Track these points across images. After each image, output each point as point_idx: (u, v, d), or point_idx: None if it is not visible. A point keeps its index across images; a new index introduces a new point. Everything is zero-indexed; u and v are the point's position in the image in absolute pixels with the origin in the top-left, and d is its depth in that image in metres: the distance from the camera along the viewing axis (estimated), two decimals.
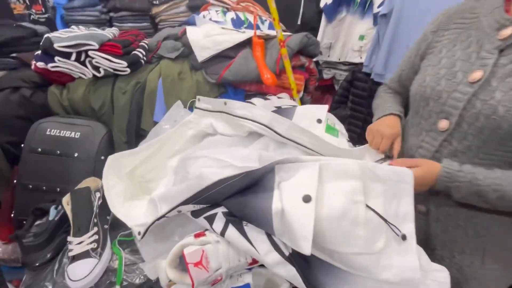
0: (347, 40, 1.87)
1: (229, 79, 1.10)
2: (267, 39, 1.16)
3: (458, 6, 0.69)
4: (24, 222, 1.03)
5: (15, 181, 1.07)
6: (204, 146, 0.82)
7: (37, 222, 0.82)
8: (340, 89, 1.92)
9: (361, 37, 1.83)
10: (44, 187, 1.03)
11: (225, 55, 1.15)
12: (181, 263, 0.60)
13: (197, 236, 0.58)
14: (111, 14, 1.92)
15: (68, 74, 1.12)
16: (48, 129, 1.05)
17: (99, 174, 0.99)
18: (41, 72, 1.11)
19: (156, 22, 1.99)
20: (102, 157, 1.08)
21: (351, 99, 1.92)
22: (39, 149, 1.03)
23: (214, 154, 0.62)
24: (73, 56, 1.07)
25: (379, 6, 1.69)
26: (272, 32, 1.19)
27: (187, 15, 1.98)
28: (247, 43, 1.16)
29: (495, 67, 0.56)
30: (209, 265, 0.55)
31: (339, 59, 1.93)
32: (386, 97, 0.83)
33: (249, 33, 1.17)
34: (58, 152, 1.04)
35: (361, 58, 1.82)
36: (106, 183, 0.75)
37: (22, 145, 1.06)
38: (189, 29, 1.21)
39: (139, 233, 0.63)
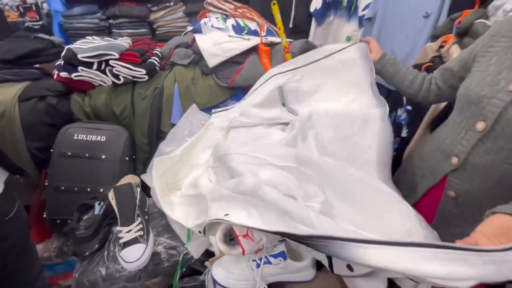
0: (335, 41, 2.03)
1: (240, 83, 1.22)
2: (271, 45, 1.29)
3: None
4: (58, 221, 1.12)
5: (46, 183, 1.14)
6: (234, 138, 0.93)
7: (85, 217, 0.91)
8: None
9: (348, 38, 2.00)
10: (75, 188, 1.12)
11: (233, 61, 1.27)
12: (226, 240, 0.73)
13: None
14: (110, 21, 1.98)
15: (89, 83, 1.20)
16: (76, 134, 1.13)
17: (124, 173, 1.10)
18: (64, 81, 1.19)
19: (154, 27, 2.07)
20: (127, 158, 1.18)
21: None
22: (69, 153, 1.12)
23: (253, 152, 0.74)
24: (95, 66, 1.15)
25: (363, 10, 1.86)
26: (275, 39, 1.33)
27: (185, 21, 2.08)
28: (253, 49, 1.29)
29: None
30: (254, 237, 0.68)
31: None
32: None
33: (254, 40, 1.29)
34: (87, 155, 1.13)
35: None
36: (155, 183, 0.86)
37: (51, 150, 1.14)
38: (198, 37, 1.33)
39: (199, 232, 0.75)
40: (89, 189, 1.12)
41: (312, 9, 1.92)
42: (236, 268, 0.72)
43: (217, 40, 1.28)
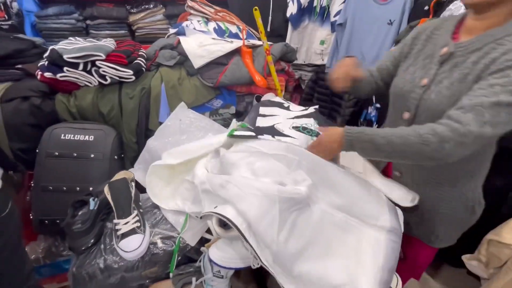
0: (310, 45, 2.17)
1: (225, 82, 1.30)
2: (253, 47, 1.38)
3: (434, 22, 0.85)
4: (47, 221, 1.12)
5: (30, 184, 1.14)
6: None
7: (80, 212, 0.93)
8: (307, 88, 2.22)
9: (322, 42, 2.14)
10: (64, 188, 1.12)
11: (217, 62, 1.34)
12: (221, 224, 0.80)
13: None
14: (88, 22, 1.96)
15: (73, 83, 1.21)
16: (62, 134, 1.14)
17: (114, 171, 1.13)
18: (48, 82, 1.18)
19: (133, 29, 2.08)
20: (115, 156, 1.21)
21: (316, 96, 2.23)
22: (56, 153, 1.12)
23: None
24: (81, 66, 1.17)
25: (335, 16, 2.02)
26: (256, 42, 1.42)
27: (164, 23, 2.11)
28: (235, 51, 1.37)
29: (435, 75, 0.76)
30: None
31: (304, 62, 2.22)
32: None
33: (237, 43, 1.38)
34: (75, 154, 1.14)
35: (322, 60, 2.14)
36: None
37: (37, 151, 1.13)
38: (183, 39, 1.38)
39: (196, 216, 0.82)
40: (78, 188, 1.13)
41: (288, 14, 2.04)
42: (231, 249, 0.79)
43: (202, 42, 1.34)
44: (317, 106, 1.20)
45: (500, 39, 0.67)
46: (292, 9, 2.01)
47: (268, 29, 2.11)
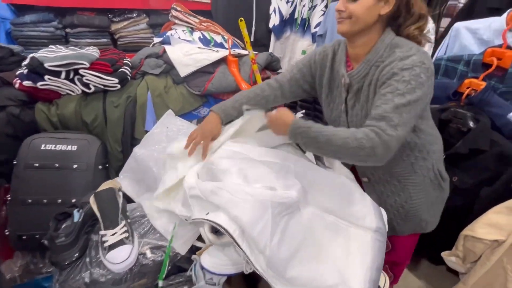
0: (292, 54, 2.24)
1: (212, 90, 1.31)
2: (238, 57, 1.41)
3: (332, 45, 0.93)
4: (25, 237, 1.07)
5: (6, 198, 1.08)
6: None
7: (64, 225, 0.90)
8: None
9: (303, 52, 2.22)
10: (44, 200, 1.07)
11: (203, 71, 1.35)
12: (213, 230, 0.80)
13: None
14: (67, 30, 1.92)
15: (55, 92, 1.17)
16: (43, 145, 1.10)
17: (98, 182, 1.10)
18: (27, 90, 1.14)
19: (116, 38, 2.05)
20: (100, 166, 1.18)
21: (299, 104, 2.29)
22: (36, 164, 1.08)
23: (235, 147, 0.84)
24: (63, 75, 1.14)
25: (315, 27, 2.10)
26: (241, 51, 1.45)
27: (148, 32, 2.11)
28: (222, 60, 1.39)
29: (348, 101, 0.88)
30: None
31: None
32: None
33: (222, 52, 1.40)
34: (57, 165, 1.09)
35: None
36: None
37: (14, 162, 1.08)
38: (168, 48, 1.39)
39: (186, 220, 0.81)
40: (59, 200, 1.09)
41: (271, 25, 2.10)
42: (223, 255, 0.79)
43: (188, 51, 1.35)
44: (303, 111, 1.24)
45: (376, 62, 0.80)
46: (274, 20, 2.07)
47: (252, 39, 2.16)
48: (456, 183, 1.15)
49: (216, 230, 0.80)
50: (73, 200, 1.04)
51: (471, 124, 1.12)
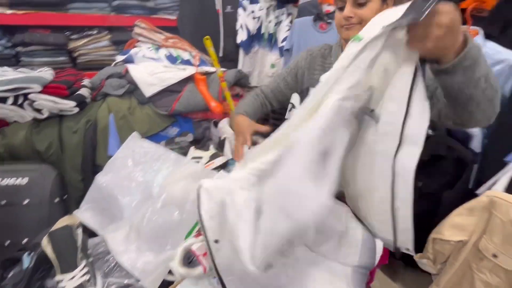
0: (262, 68, 2.26)
1: (180, 110, 1.26)
2: (206, 74, 1.38)
3: (320, 49, 0.92)
4: None
5: None
6: None
7: (11, 273, 0.78)
8: None
9: (272, 66, 2.25)
10: None
11: (170, 90, 1.30)
12: (185, 263, 0.74)
13: (197, 235, 0.74)
14: (18, 48, 1.77)
15: (1, 119, 1.06)
16: None
17: (55, 217, 0.99)
18: None
19: (75, 56, 1.93)
20: (57, 199, 1.06)
21: (271, 116, 2.30)
22: None
23: None
24: (10, 100, 1.03)
25: (282, 42, 2.14)
26: (209, 69, 1.42)
27: (110, 49, 2.01)
28: (189, 78, 1.35)
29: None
30: None
31: (258, 84, 2.30)
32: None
33: (190, 70, 1.36)
34: (3, 202, 0.97)
35: None
36: None
37: None
38: (131, 68, 1.32)
39: None
40: (7, 243, 0.96)
41: (238, 40, 2.11)
42: None
43: (153, 70, 1.30)
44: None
45: None
46: (242, 36, 2.08)
47: (221, 54, 2.15)
48: (421, 188, 1.20)
49: (189, 262, 0.74)
50: (25, 240, 0.93)
51: (429, 131, 1.19)
